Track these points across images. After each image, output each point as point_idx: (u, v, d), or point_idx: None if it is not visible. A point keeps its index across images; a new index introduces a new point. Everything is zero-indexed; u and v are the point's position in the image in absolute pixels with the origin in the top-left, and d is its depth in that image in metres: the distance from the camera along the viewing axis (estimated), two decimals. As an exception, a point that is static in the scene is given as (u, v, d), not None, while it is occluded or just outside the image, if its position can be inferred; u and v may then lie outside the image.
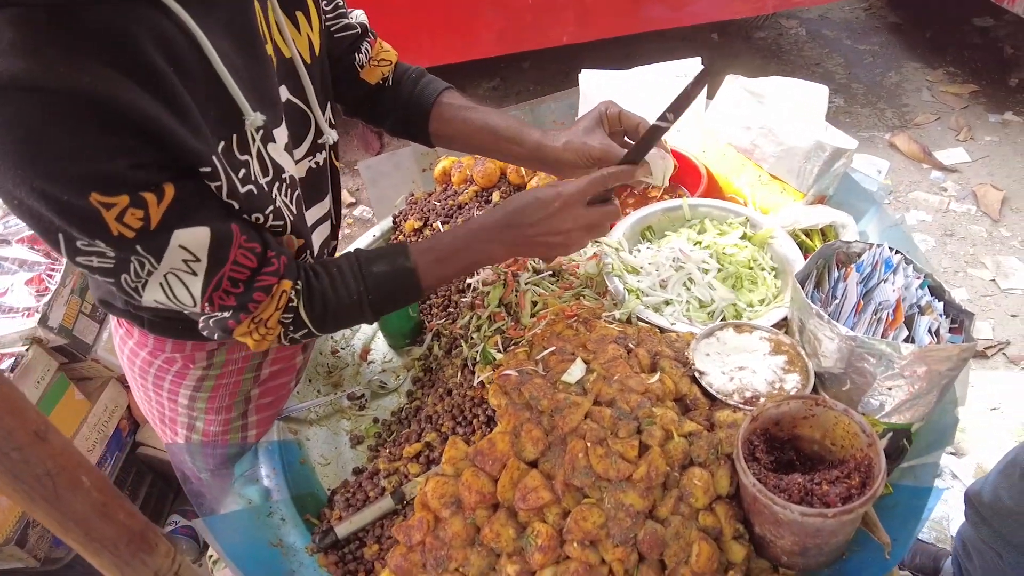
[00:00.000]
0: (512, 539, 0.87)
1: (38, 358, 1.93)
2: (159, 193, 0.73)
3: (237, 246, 0.82)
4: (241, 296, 0.86)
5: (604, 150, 1.05)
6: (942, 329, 0.93)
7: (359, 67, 1.14)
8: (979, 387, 2.42)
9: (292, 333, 0.94)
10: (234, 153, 0.81)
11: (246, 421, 1.24)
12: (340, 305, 0.96)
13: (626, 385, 0.95)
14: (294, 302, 0.92)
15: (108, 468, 2.13)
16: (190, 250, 0.78)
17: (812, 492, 0.82)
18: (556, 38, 3.12)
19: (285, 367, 1.27)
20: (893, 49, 4.07)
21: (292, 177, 0.94)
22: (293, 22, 0.96)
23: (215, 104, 0.77)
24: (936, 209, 3.08)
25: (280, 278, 0.89)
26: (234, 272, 0.84)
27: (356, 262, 0.98)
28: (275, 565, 1.01)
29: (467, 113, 1.16)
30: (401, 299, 1.03)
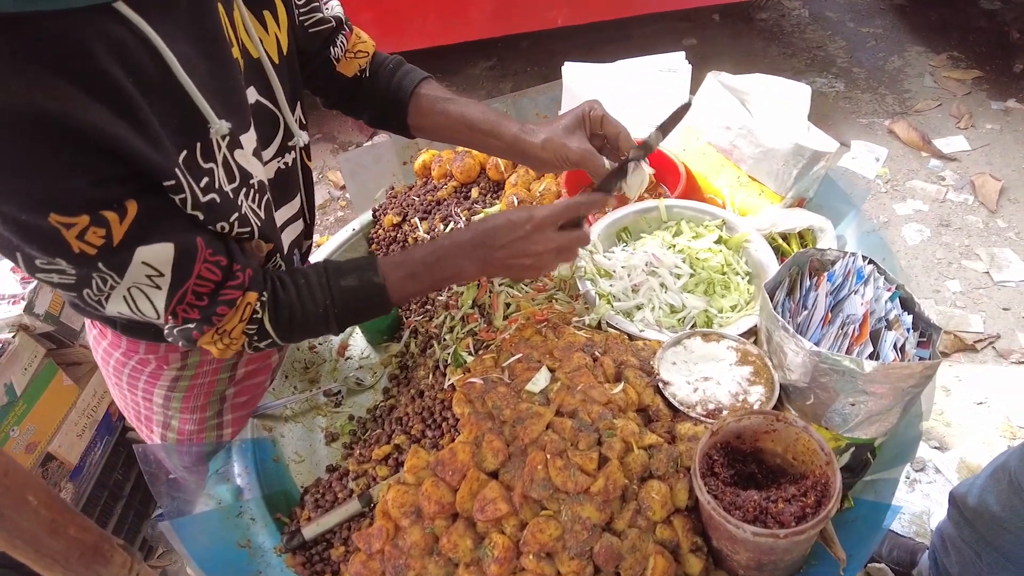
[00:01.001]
0: (470, 549, 0.87)
1: (25, 345, 1.94)
2: (121, 211, 0.72)
3: (202, 260, 0.82)
4: (205, 309, 0.86)
5: (582, 154, 1.04)
6: (908, 345, 0.92)
7: (335, 60, 1.12)
8: (967, 381, 2.42)
9: (256, 343, 0.95)
10: (197, 161, 0.79)
11: (221, 420, 1.24)
12: (306, 318, 0.96)
13: (589, 396, 0.94)
14: (259, 314, 0.91)
15: (98, 452, 2.15)
16: (153, 266, 0.78)
17: (767, 510, 0.82)
18: (551, 20, 3.07)
19: (260, 367, 1.27)
20: (897, 32, 3.99)
21: (261, 182, 0.93)
22: (260, 21, 0.94)
23: (177, 113, 0.76)
24: (933, 199, 3.05)
25: (245, 291, 0.88)
26: (198, 286, 0.83)
27: (324, 274, 0.97)
28: (241, 566, 1.02)
29: (445, 105, 1.15)
30: (368, 313, 1.02)
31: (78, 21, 0.65)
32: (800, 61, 3.85)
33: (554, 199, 1.41)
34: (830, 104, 3.56)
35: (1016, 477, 1.27)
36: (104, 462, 2.15)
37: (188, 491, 1.10)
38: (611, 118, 1.07)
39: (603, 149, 1.08)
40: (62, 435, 2.02)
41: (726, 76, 1.35)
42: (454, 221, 1.42)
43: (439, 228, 1.42)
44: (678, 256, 1.17)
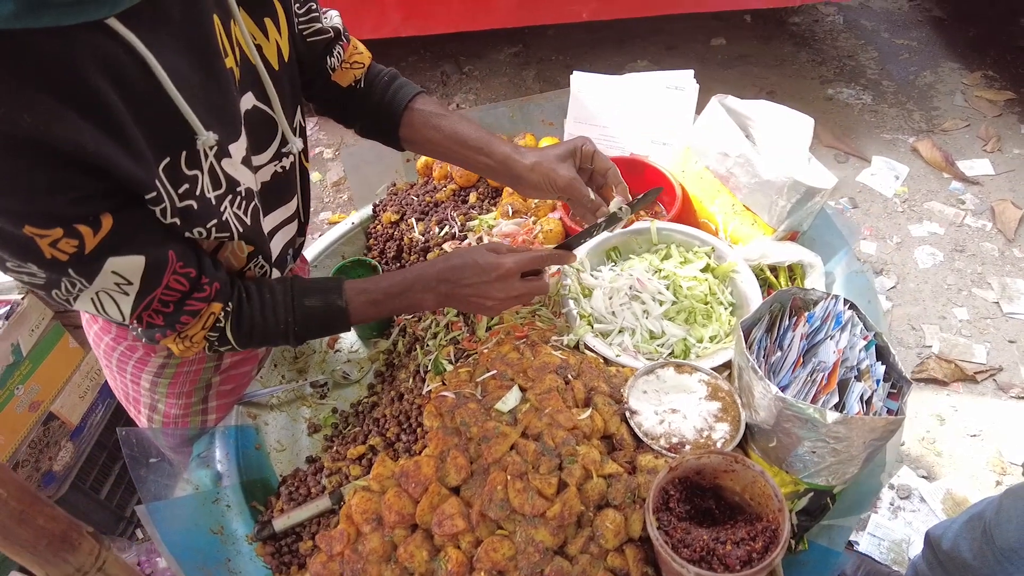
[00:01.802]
0: (425, 561, 0.90)
1: (33, 306, 1.99)
2: (95, 225, 0.74)
3: (171, 272, 0.85)
4: (170, 316, 0.89)
5: (568, 182, 1.07)
6: (875, 397, 0.93)
7: (330, 70, 1.13)
8: (963, 412, 2.41)
9: (216, 347, 0.99)
10: (180, 169, 0.81)
11: (206, 406, 1.28)
12: (266, 330, 1.00)
13: (555, 420, 0.96)
14: (221, 323, 0.95)
15: (99, 414, 2.22)
16: (123, 275, 0.80)
17: (714, 551, 0.83)
18: (576, 13, 3.03)
19: (247, 357, 1.30)
20: (932, 46, 3.89)
21: (248, 189, 0.95)
22: (262, 29, 0.95)
23: (164, 124, 0.77)
24: (950, 222, 3.00)
25: (210, 302, 0.92)
26: (165, 295, 0.86)
27: (290, 292, 1.01)
28: (212, 552, 1.06)
29: (437, 120, 1.16)
30: (327, 332, 1.07)
31: (69, 38, 0.66)
32: (829, 69, 3.77)
33: (549, 211, 1.42)
34: (855, 117, 3.49)
35: (990, 528, 1.27)
36: (104, 424, 2.21)
37: (168, 475, 1.14)
38: (601, 155, 1.09)
39: (589, 182, 1.10)
40: (65, 396, 2.08)
41: (732, 100, 1.33)
42: (449, 225, 1.44)
43: (434, 231, 1.44)
44: (662, 282, 1.18)
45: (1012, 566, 1.24)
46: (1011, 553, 1.23)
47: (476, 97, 3.96)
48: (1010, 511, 1.26)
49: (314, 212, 3.46)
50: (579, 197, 1.07)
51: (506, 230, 1.37)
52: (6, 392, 1.88)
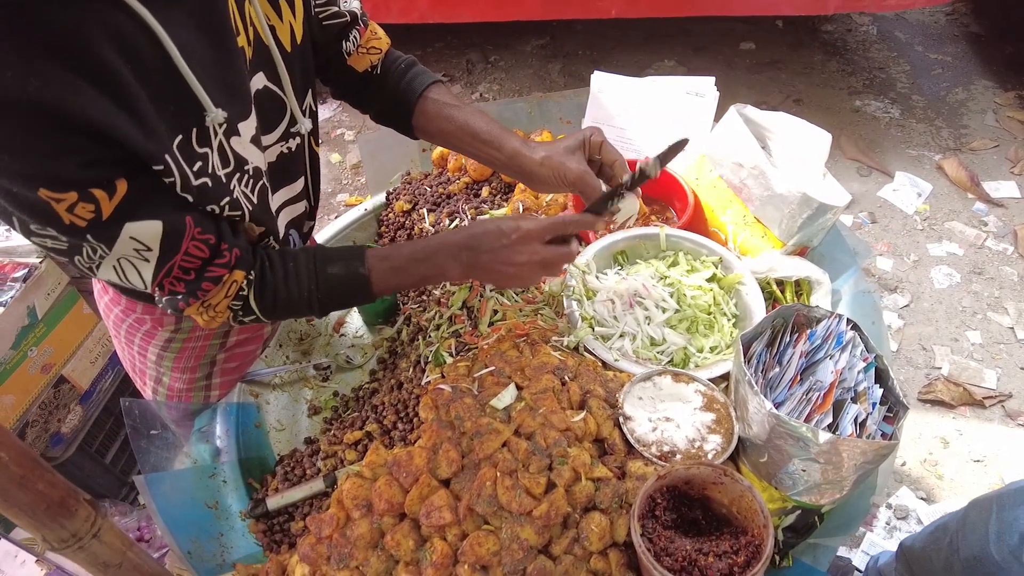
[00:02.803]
0: (411, 550, 0.92)
1: (50, 271, 2.03)
2: (110, 189, 0.75)
3: (190, 238, 0.85)
4: (191, 284, 0.90)
5: (579, 175, 1.05)
6: (870, 420, 0.93)
7: (346, 54, 1.14)
8: (968, 436, 2.38)
9: (241, 317, 0.99)
10: (192, 146, 0.82)
11: (210, 382, 1.30)
12: (290, 299, 0.99)
13: (549, 420, 0.97)
14: (244, 291, 0.95)
15: (109, 380, 2.26)
16: (141, 241, 0.81)
17: (695, 562, 0.84)
18: (604, 10, 3.00)
19: (252, 336, 1.32)
20: (966, 63, 3.81)
21: (256, 168, 0.95)
22: (276, 10, 0.96)
23: (174, 99, 0.78)
24: (970, 243, 2.96)
25: (231, 269, 0.92)
26: (185, 262, 0.87)
27: (313, 260, 1.00)
28: (205, 525, 1.09)
29: (451, 111, 1.16)
30: (351, 301, 1.06)
31: (81, 9, 0.67)
32: (858, 80, 3.72)
33: (561, 210, 1.42)
34: (881, 130, 3.45)
35: (956, 540, 1.28)
36: (113, 390, 2.26)
37: (168, 448, 1.17)
38: (610, 145, 1.08)
39: (599, 175, 1.09)
40: (77, 360, 2.13)
41: (751, 110, 1.32)
42: (460, 218, 1.44)
43: (444, 223, 1.44)
44: (667, 289, 1.18)
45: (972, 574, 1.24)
46: (975, 562, 1.24)
47: (500, 88, 3.96)
48: (975, 522, 1.27)
49: (332, 193, 3.49)
50: (590, 190, 1.06)
51: (516, 227, 1.37)
52: (20, 353, 1.92)
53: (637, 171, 1.03)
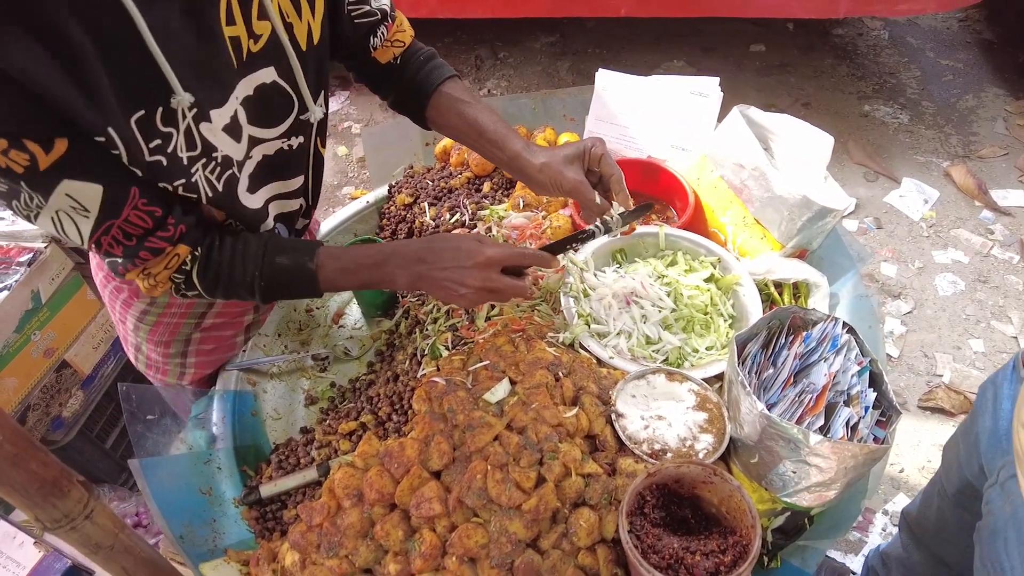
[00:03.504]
0: (400, 540, 0.92)
1: (55, 256, 2.05)
2: (47, 146, 0.75)
3: (132, 207, 0.86)
4: (129, 248, 0.91)
5: (575, 184, 1.07)
6: (862, 424, 0.93)
7: (372, 48, 1.16)
8: (967, 444, 2.37)
9: (184, 291, 1.01)
10: (155, 124, 0.83)
11: (185, 360, 1.33)
12: (232, 281, 1.01)
13: (541, 416, 0.97)
14: (188, 266, 0.98)
15: (110, 366, 2.28)
16: (78, 200, 0.82)
17: (682, 560, 0.84)
18: (614, 8, 3.00)
19: (231, 321, 1.34)
20: (978, 70, 3.79)
21: (227, 157, 0.96)
22: (296, 7, 0.97)
23: (138, 76, 0.79)
24: (976, 251, 2.94)
25: (175, 243, 0.94)
26: (126, 227, 0.88)
27: (264, 247, 1.02)
28: (199, 511, 1.10)
29: (462, 107, 1.18)
30: (295, 293, 1.07)
31: None
32: (868, 85, 3.70)
33: (560, 207, 1.42)
34: (889, 136, 3.43)
35: (943, 484, 1.31)
36: (115, 376, 2.27)
37: (164, 433, 1.18)
38: (609, 158, 1.09)
39: (597, 186, 1.11)
40: (79, 345, 2.14)
41: (754, 111, 1.32)
42: (461, 212, 1.45)
43: (445, 217, 1.45)
44: (664, 289, 1.18)
45: (965, 510, 1.26)
46: (960, 496, 1.26)
47: (508, 84, 3.96)
48: (949, 460, 1.30)
49: (337, 186, 3.50)
50: (584, 200, 1.08)
51: (516, 222, 1.38)
52: (23, 337, 1.94)
53: (602, 223, 1.08)
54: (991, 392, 1.16)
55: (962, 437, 1.25)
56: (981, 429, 1.15)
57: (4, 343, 1.88)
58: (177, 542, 1.01)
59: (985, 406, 1.16)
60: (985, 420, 1.15)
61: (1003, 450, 1.07)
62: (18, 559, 1.57)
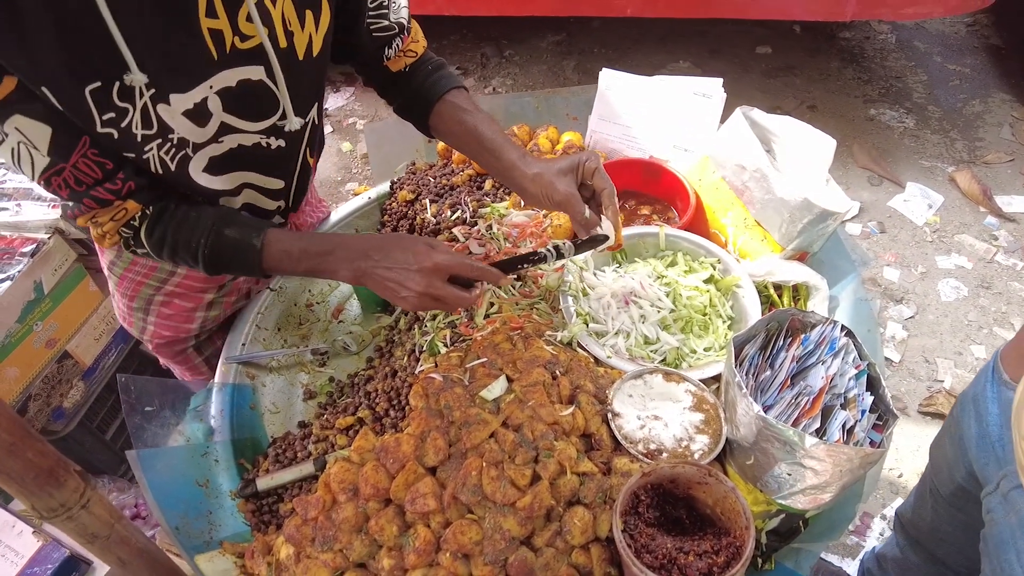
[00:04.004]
0: (394, 535, 0.92)
1: (58, 247, 2.05)
2: None
3: (80, 154, 0.90)
4: (75, 193, 0.94)
5: (565, 197, 1.08)
6: (858, 427, 0.92)
7: (386, 58, 1.20)
8: (967, 450, 2.37)
9: (133, 247, 1.05)
10: (111, 97, 0.85)
11: (146, 318, 1.39)
12: (177, 244, 1.03)
13: (537, 413, 0.97)
14: (136, 223, 1.01)
15: (112, 357, 2.28)
16: (28, 138, 0.86)
17: (675, 560, 0.84)
18: (620, 8, 3.00)
19: (190, 294, 1.37)
20: (985, 75, 3.77)
21: (182, 139, 0.97)
22: (300, 17, 0.98)
23: (92, 48, 0.81)
24: (980, 257, 2.93)
25: (123, 198, 0.97)
26: (76, 173, 0.91)
27: (216, 218, 1.04)
28: (195, 503, 1.10)
29: (463, 116, 1.20)
30: (237, 268, 1.08)
31: None
32: (874, 89, 3.69)
33: (561, 206, 1.42)
34: (895, 140, 3.42)
35: (934, 485, 1.30)
36: (116, 367, 2.28)
37: (162, 425, 1.18)
38: (602, 173, 1.10)
39: (588, 201, 1.11)
40: (81, 336, 2.15)
41: (757, 113, 1.32)
42: (462, 210, 1.45)
43: (446, 214, 1.45)
44: (663, 289, 1.18)
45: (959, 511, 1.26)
46: (954, 498, 1.25)
47: (514, 82, 3.95)
48: (938, 461, 1.29)
49: (341, 182, 3.50)
50: (574, 213, 1.08)
51: (516, 221, 1.38)
52: (25, 327, 1.94)
53: (554, 248, 1.08)
54: (972, 394, 1.15)
55: (948, 440, 1.25)
56: (967, 434, 1.15)
57: (6, 333, 1.88)
58: (173, 533, 1.02)
59: (967, 409, 1.16)
60: (970, 424, 1.14)
61: (997, 457, 1.06)
62: (17, 548, 1.58)
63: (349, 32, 1.13)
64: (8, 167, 0.96)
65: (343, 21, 1.10)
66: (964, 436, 1.16)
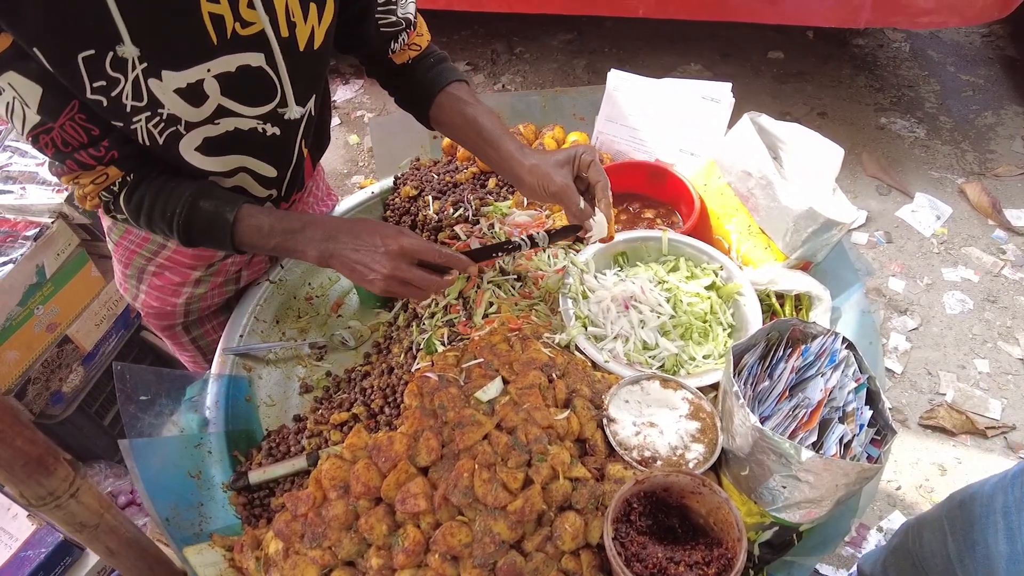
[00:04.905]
0: (384, 534, 0.92)
1: (62, 232, 2.05)
2: None
3: (67, 117, 0.91)
4: (60, 154, 0.96)
5: (561, 187, 1.09)
6: (855, 442, 0.91)
7: (391, 51, 1.21)
8: (967, 465, 2.35)
9: (112, 212, 1.07)
10: (104, 66, 0.87)
11: (138, 286, 1.40)
12: (153, 212, 1.05)
13: (532, 416, 0.96)
14: (115, 188, 1.03)
15: (112, 343, 2.29)
16: (20, 95, 0.87)
17: (665, 570, 0.83)
18: (632, 8, 2.98)
19: (178, 268, 1.38)
20: (998, 86, 3.74)
21: (172, 115, 0.98)
22: (304, 9, 0.99)
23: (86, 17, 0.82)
24: (987, 270, 2.91)
25: (105, 164, 0.99)
26: (63, 135, 0.93)
27: (194, 190, 1.05)
28: (186, 494, 1.10)
29: (463, 107, 1.21)
30: (212, 241, 1.08)
31: None
32: (886, 97, 3.66)
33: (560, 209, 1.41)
34: (905, 149, 3.39)
35: (919, 562, 1.26)
36: (116, 354, 2.28)
37: (157, 414, 1.17)
38: (597, 166, 1.10)
39: (584, 193, 1.12)
40: (82, 321, 2.15)
41: (765, 119, 1.31)
42: (464, 207, 1.44)
43: (448, 211, 1.44)
44: (664, 295, 1.17)
45: None
46: None
47: (523, 80, 3.94)
48: (932, 545, 1.24)
49: (347, 174, 3.50)
50: (569, 203, 1.09)
51: (519, 220, 1.37)
52: (26, 311, 1.95)
53: (528, 237, 1.09)
54: (1000, 506, 1.07)
55: (967, 550, 1.14)
56: (993, 552, 1.07)
57: (7, 316, 1.88)
58: (163, 524, 1.01)
59: (991, 522, 1.08)
60: (997, 541, 1.06)
61: None
62: (11, 531, 1.58)
63: (357, 25, 1.14)
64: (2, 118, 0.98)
65: (352, 15, 1.11)
66: (989, 554, 1.08)
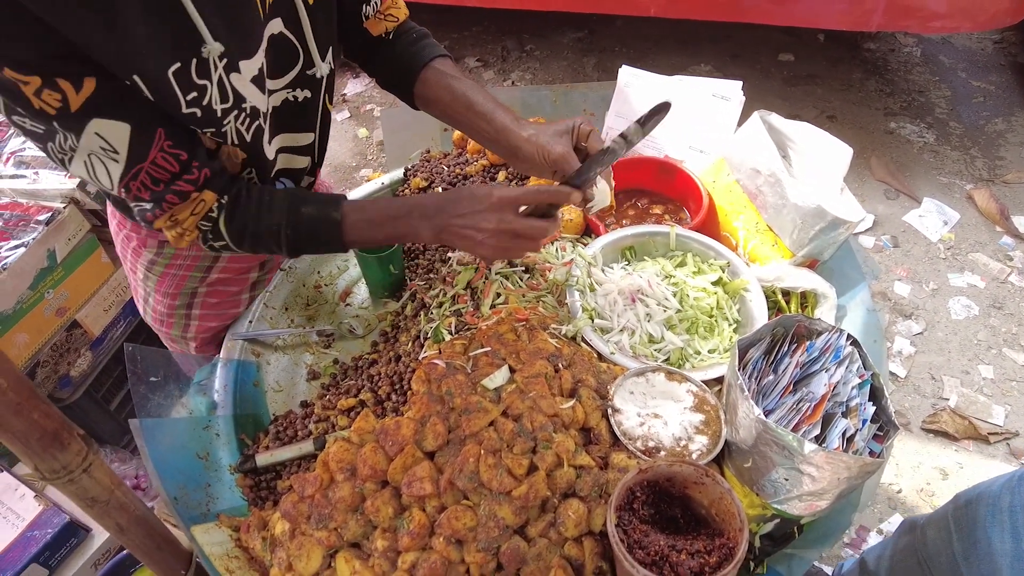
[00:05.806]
0: (390, 517, 0.93)
1: (73, 217, 2.07)
2: (77, 84, 0.77)
3: (158, 149, 0.88)
4: (156, 193, 0.93)
5: (562, 155, 1.06)
6: (858, 436, 0.92)
7: (364, 16, 1.16)
8: (968, 470, 2.35)
9: (211, 241, 1.02)
10: (191, 77, 0.85)
11: (190, 312, 1.35)
12: (259, 230, 1.02)
13: (538, 405, 0.98)
14: (214, 214, 0.98)
15: (120, 329, 2.30)
16: (108, 140, 0.84)
17: (667, 558, 0.84)
18: (643, 7, 2.98)
19: (236, 277, 1.35)
20: (1010, 93, 3.73)
21: (254, 108, 0.97)
22: None
23: (171, 27, 0.80)
24: (993, 277, 2.90)
25: (200, 188, 0.95)
26: (153, 171, 0.90)
27: (289, 198, 1.03)
28: (194, 474, 1.11)
29: (451, 82, 1.17)
30: (321, 246, 1.07)
31: None
32: (896, 102, 3.65)
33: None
34: (914, 155, 3.39)
35: (924, 560, 1.26)
36: (124, 339, 2.30)
37: (166, 396, 1.19)
38: (597, 135, 1.08)
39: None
40: (91, 306, 2.17)
41: (775, 118, 1.31)
42: (474, 199, 1.45)
43: (458, 203, 1.45)
44: (670, 289, 1.18)
45: None
46: None
47: (533, 77, 3.95)
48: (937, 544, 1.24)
49: (356, 167, 3.51)
50: (569, 171, 1.06)
51: (528, 213, 1.38)
52: (37, 294, 1.97)
53: (621, 137, 1.00)
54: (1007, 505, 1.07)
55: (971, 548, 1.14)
56: (997, 549, 1.07)
57: (18, 300, 1.90)
58: (171, 503, 1.03)
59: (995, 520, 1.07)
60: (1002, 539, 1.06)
61: None
62: (18, 511, 1.60)
63: None
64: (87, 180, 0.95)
65: None
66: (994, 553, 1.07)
